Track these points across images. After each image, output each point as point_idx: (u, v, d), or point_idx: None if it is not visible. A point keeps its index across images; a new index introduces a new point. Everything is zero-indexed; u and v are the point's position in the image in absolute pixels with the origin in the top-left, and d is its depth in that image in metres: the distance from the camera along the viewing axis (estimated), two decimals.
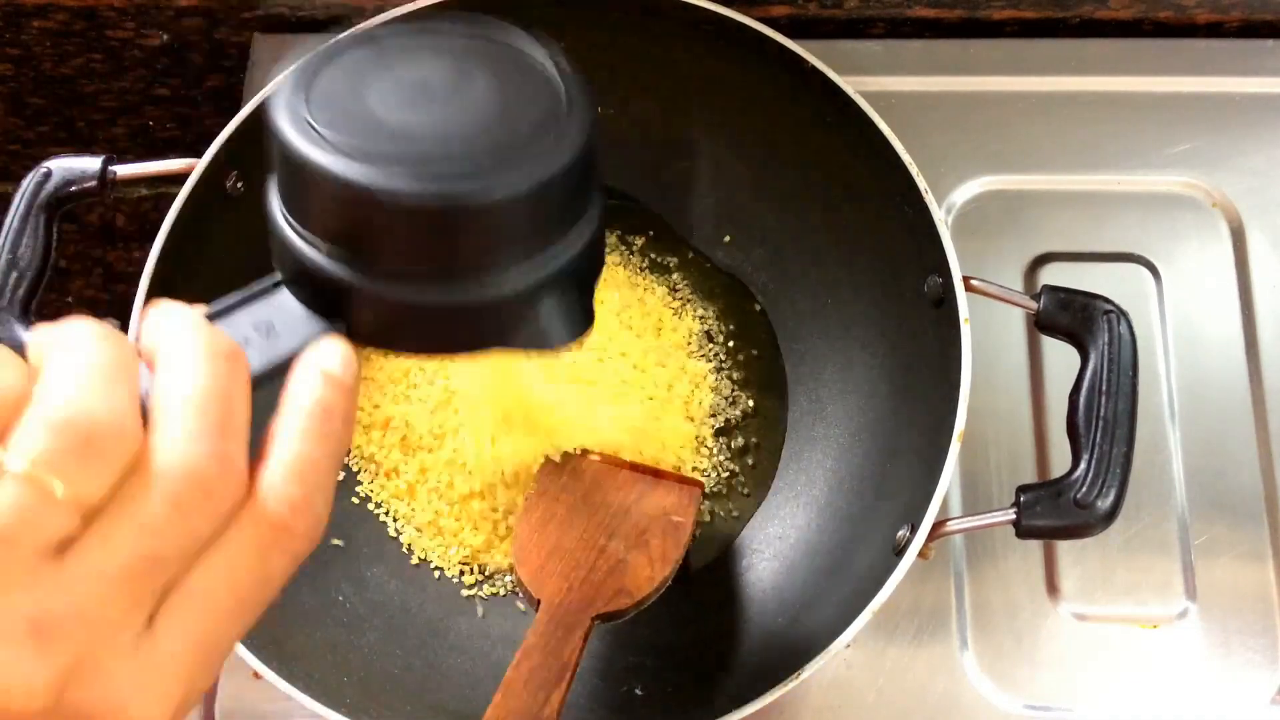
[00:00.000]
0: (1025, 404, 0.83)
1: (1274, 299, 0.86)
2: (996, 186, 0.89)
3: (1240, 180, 0.89)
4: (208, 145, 0.74)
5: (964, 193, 0.89)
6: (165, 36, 0.92)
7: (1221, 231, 0.88)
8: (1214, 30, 0.93)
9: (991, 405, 0.82)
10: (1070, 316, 0.69)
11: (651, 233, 0.88)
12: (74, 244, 1.00)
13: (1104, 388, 0.66)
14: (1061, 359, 0.76)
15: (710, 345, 0.85)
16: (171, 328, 0.34)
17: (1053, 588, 0.79)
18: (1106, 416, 0.66)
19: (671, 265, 0.88)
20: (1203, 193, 0.89)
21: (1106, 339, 0.67)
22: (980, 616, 0.79)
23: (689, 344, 0.85)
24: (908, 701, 0.77)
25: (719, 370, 0.85)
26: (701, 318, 0.86)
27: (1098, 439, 0.65)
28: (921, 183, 0.72)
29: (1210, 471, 0.82)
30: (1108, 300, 0.69)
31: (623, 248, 0.88)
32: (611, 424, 0.79)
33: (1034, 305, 0.69)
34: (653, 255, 0.88)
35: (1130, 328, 0.68)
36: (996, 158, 0.90)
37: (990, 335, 0.83)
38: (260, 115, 0.75)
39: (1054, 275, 0.86)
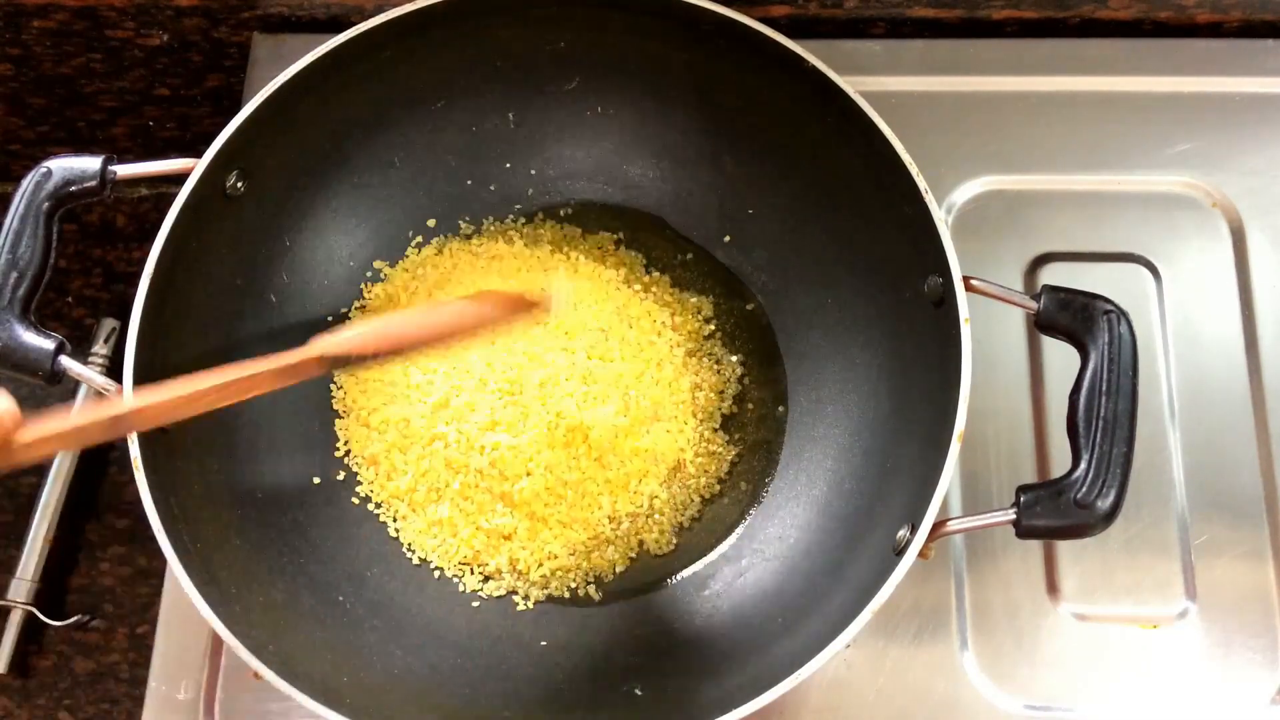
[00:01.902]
0: (1025, 403, 0.83)
1: (1274, 299, 0.86)
2: (996, 186, 0.89)
3: (1240, 180, 0.89)
4: (207, 145, 0.74)
5: (964, 193, 0.89)
6: (165, 36, 0.92)
7: (1221, 231, 0.88)
8: (1214, 30, 0.93)
9: (991, 405, 0.82)
10: (1070, 316, 0.69)
11: (651, 232, 0.88)
12: (74, 244, 1.00)
13: (1104, 388, 0.66)
14: (1062, 359, 0.76)
15: (710, 344, 0.85)
16: None
17: (1053, 588, 0.79)
18: (1107, 417, 0.66)
19: (672, 265, 0.88)
20: (1203, 193, 0.89)
21: (1107, 339, 0.67)
22: (980, 616, 0.79)
23: (689, 343, 0.85)
24: (908, 701, 0.77)
25: (718, 369, 0.85)
26: (702, 317, 0.86)
27: (1098, 439, 0.65)
28: (921, 183, 0.72)
29: (1210, 471, 0.82)
30: (1107, 300, 0.69)
31: (622, 248, 0.88)
32: (614, 414, 0.79)
33: (1034, 305, 0.69)
34: (653, 255, 0.88)
35: (1130, 328, 0.68)
36: (996, 158, 0.90)
37: (990, 335, 0.83)
38: (261, 115, 0.76)
39: (1054, 275, 0.86)
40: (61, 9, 0.89)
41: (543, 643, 0.78)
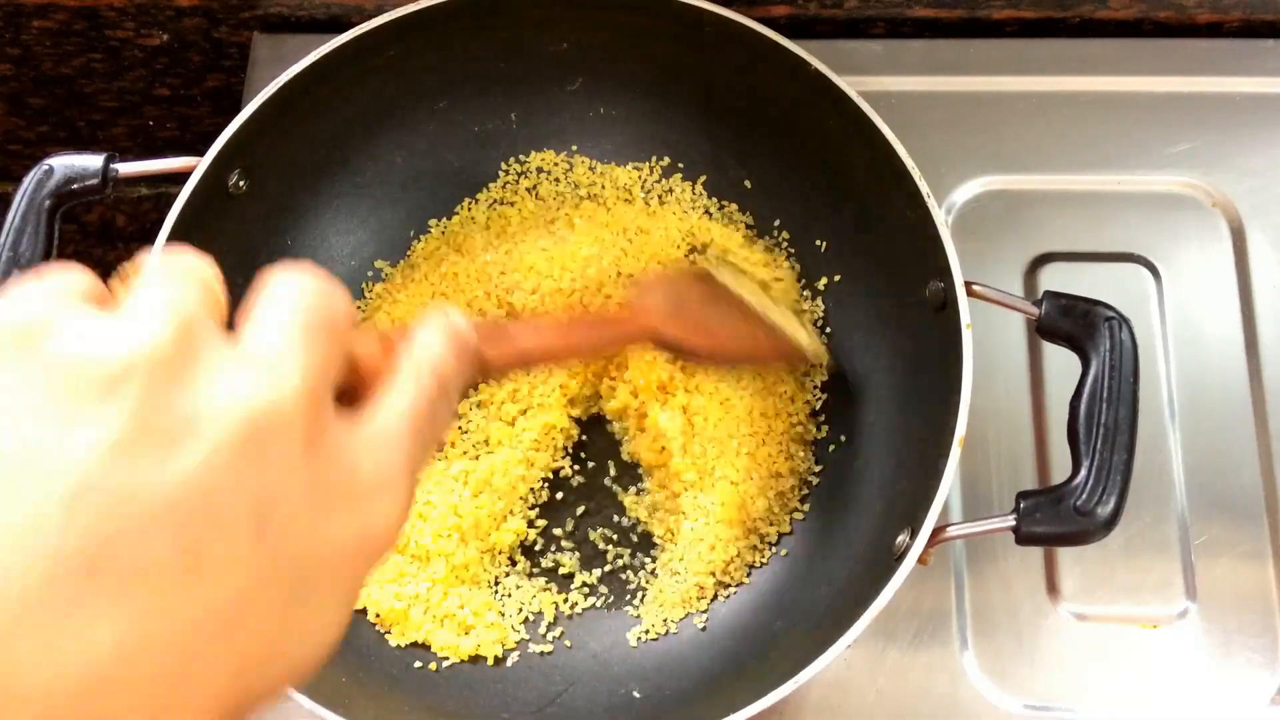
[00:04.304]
0: (1026, 407, 0.83)
1: (1274, 299, 0.86)
2: (996, 186, 0.89)
3: (1240, 180, 0.89)
4: (207, 145, 0.74)
5: (964, 193, 0.89)
6: (165, 36, 0.92)
7: (1221, 231, 0.88)
8: (1214, 30, 0.93)
9: (992, 407, 0.82)
10: (1072, 323, 0.68)
11: None
12: (74, 244, 1.00)
13: (1105, 394, 0.66)
14: (1062, 363, 0.76)
15: None
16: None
17: (1053, 588, 0.79)
18: (1107, 423, 0.65)
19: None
20: (1203, 193, 0.89)
21: (1108, 346, 0.67)
22: (980, 616, 0.79)
23: None
24: (908, 701, 0.77)
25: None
26: None
27: (1098, 446, 0.65)
28: (924, 187, 0.72)
29: (1210, 471, 0.82)
30: (1109, 307, 0.68)
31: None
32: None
33: (1035, 311, 0.69)
34: None
35: (1132, 335, 0.68)
36: (996, 158, 0.90)
37: (991, 338, 0.83)
38: (264, 113, 0.76)
39: (1054, 275, 0.86)
40: (61, 9, 0.89)
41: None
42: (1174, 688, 0.77)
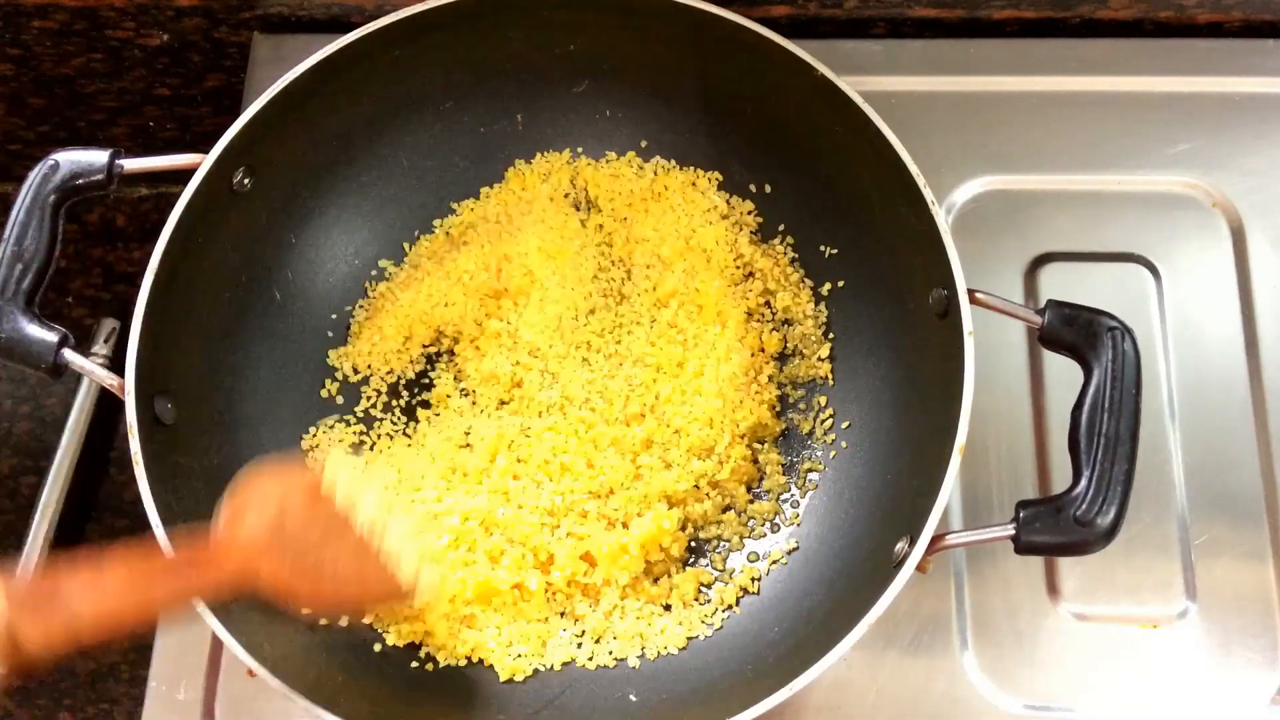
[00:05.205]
0: (1026, 414, 0.83)
1: (1274, 299, 0.86)
2: (996, 186, 0.89)
3: (1240, 180, 0.89)
4: (207, 145, 0.74)
5: (964, 193, 0.89)
6: (165, 36, 0.92)
7: (1221, 231, 0.88)
8: (1214, 30, 0.93)
9: (993, 412, 0.82)
10: (1074, 332, 0.68)
11: None
12: (74, 244, 1.00)
13: (1106, 404, 0.66)
14: (1063, 369, 0.75)
15: None
16: None
17: (1053, 588, 0.79)
18: (1108, 434, 0.65)
19: None
20: (1203, 193, 0.89)
21: (1110, 356, 0.67)
22: (981, 617, 0.79)
23: None
24: (908, 701, 0.77)
25: None
26: None
27: (1099, 456, 0.65)
28: (929, 194, 0.72)
29: (1210, 471, 0.82)
30: (1112, 316, 0.68)
31: None
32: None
33: (1038, 320, 0.69)
34: None
35: (1135, 345, 0.68)
36: (996, 158, 0.90)
37: (992, 342, 0.83)
38: (270, 111, 0.75)
39: (1054, 275, 0.86)
40: (61, 9, 0.89)
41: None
42: (1174, 688, 0.77)
